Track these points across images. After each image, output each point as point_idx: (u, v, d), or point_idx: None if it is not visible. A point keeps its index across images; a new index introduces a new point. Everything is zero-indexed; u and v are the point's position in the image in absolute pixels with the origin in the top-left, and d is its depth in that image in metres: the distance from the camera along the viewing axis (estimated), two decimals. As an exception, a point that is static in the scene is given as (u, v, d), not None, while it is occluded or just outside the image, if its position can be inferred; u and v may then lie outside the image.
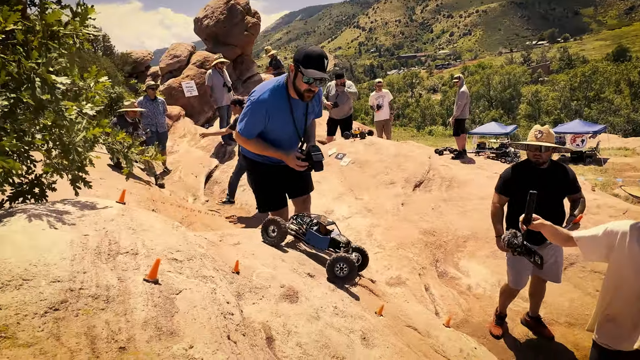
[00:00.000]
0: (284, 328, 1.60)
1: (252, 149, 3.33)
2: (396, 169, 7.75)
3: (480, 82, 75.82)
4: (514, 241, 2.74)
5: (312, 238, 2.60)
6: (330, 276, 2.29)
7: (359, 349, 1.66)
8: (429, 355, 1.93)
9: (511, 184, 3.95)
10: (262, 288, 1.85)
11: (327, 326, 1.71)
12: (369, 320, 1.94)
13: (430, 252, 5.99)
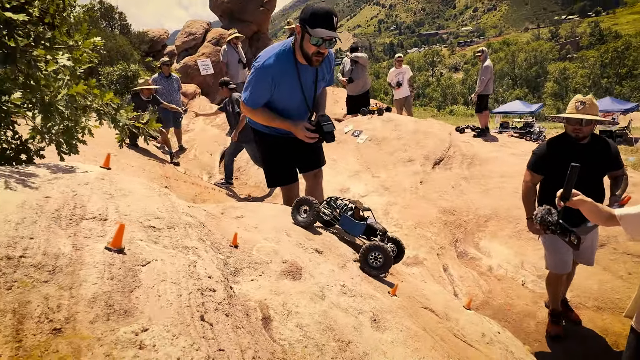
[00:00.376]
0: (283, 307, 1.43)
1: (258, 119, 3.12)
2: (415, 146, 7.45)
3: (504, 60, 73.02)
4: (548, 218, 2.44)
5: (347, 223, 2.40)
6: (363, 265, 2.11)
7: (367, 332, 1.48)
8: (447, 339, 1.74)
9: (546, 160, 3.56)
10: (262, 263, 1.68)
11: (333, 306, 1.53)
12: (381, 300, 1.76)
13: (449, 231, 5.75)
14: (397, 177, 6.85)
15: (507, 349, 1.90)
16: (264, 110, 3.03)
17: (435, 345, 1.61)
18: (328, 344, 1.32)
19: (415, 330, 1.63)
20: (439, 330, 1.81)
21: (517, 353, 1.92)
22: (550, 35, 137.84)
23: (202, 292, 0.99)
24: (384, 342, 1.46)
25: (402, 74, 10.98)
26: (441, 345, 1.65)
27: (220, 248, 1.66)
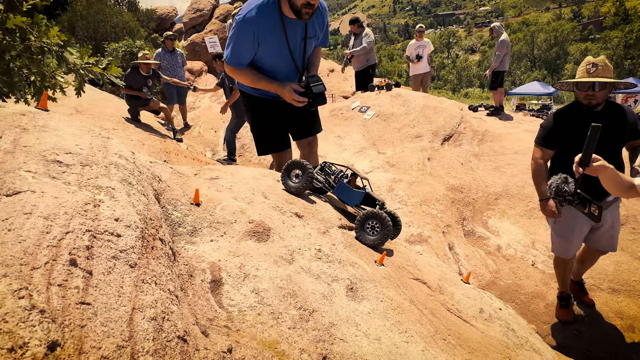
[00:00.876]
0: (239, 270, 1.22)
1: (242, 80, 2.86)
2: (424, 122, 7.12)
3: (523, 41, 70.70)
4: (564, 188, 2.13)
5: (343, 191, 2.17)
6: (359, 233, 1.93)
7: (340, 301, 1.27)
8: (437, 313, 1.52)
9: (556, 133, 3.18)
10: (225, 223, 1.47)
11: (302, 271, 1.32)
12: (363, 268, 1.53)
13: (456, 209, 5.48)
14: (403, 153, 6.56)
15: (509, 326, 1.67)
16: (248, 70, 2.77)
17: (422, 319, 1.38)
18: (287, 312, 1.11)
19: (399, 302, 1.40)
20: (429, 303, 1.59)
21: (520, 331, 1.69)
22: (572, 15, 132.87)
23: (94, 235, 0.78)
24: (359, 313, 1.25)
25: (423, 48, 10.10)
26: (429, 320, 1.42)
27: (177, 205, 1.45)
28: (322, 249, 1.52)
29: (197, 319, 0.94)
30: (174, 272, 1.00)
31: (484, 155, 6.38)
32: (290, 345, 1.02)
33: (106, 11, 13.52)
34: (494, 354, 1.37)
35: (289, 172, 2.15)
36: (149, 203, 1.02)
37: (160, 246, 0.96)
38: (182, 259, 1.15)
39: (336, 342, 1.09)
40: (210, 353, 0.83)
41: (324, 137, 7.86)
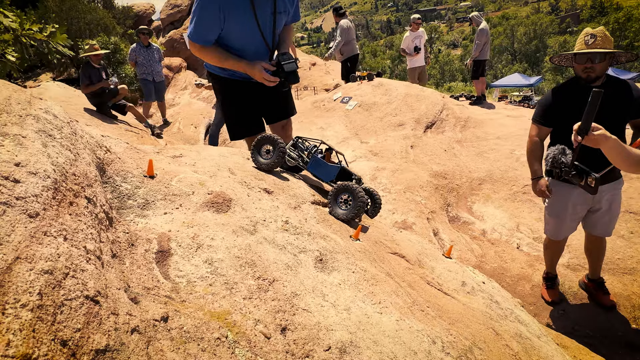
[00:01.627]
0: (192, 240, 1.09)
1: (209, 59, 2.69)
2: (406, 110, 7.04)
3: (503, 35, 71.59)
4: (561, 159, 2.00)
5: (317, 166, 2.04)
6: (332, 207, 1.81)
7: (306, 271, 1.15)
8: (416, 286, 1.41)
9: (554, 109, 3.04)
10: (181, 195, 1.33)
11: (264, 241, 1.20)
12: (335, 241, 1.42)
13: (440, 195, 5.42)
14: (386, 142, 6.47)
15: (492, 298, 1.57)
16: (215, 48, 2.60)
17: (399, 290, 1.27)
18: (243, 282, 0.99)
19: (373, 273, 1.29)
20: (407, 276, 1.48)
21: (504, 304, 1.59)
22: (550, 8, 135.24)
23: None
24: (328, 284, 1.13)
25: (419, 38, 9.56)
26: (407, 292, 1.31)
27: (128, 177, 1.30)
28: (290, 221, 1.40)
29: (129, 286, 0.81)
30: (105, 236, 0.86)
31: (466, 141, 6.34)
32: (244, 316, 0.90)
33: (80, 7, 13.11)
34: (476, 324, 1.27)
35: (259, 148, 2.02)
36: (77, 160, 0.89)
37: (85, 204, 0.83)
38: (123, 227, 1.02)
39: (298, 312, 0.98)
40: (136, 319, 0.71)
41: (306, 129, 7.72)
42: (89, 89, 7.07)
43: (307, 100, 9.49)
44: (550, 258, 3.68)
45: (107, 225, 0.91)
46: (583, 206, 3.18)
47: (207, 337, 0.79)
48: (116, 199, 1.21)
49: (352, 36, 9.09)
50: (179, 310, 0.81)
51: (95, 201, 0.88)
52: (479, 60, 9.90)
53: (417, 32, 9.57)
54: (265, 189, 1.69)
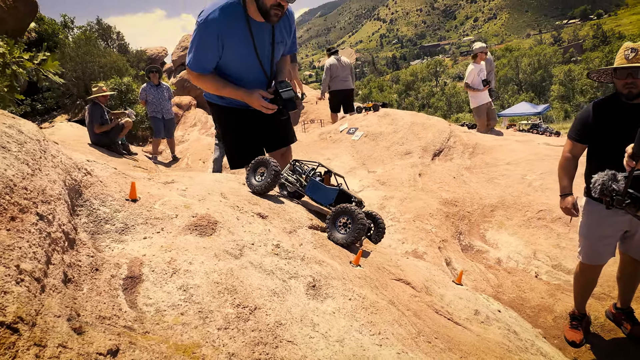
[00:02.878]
0: (168, 265, 0.99)
1: (207, 87, 2.69)
2: (412, 138, 6.99)
3: (508, 66, 72.62)
4: (612, 186, 1.81)
5: (315, 189, 1.95)
6: (330, 231, 1.70)
7: (295, 298, 1.03)
8: (422, 315, 1.26)
9: (592, 126, 2.84)
10: (164, 219, 1.24)
11: (250, 266, 1.08)
12: (332, 266, 1.29)
13: (451, 223, 5.23)
14: (393, 170, 6.37)
15: (509, 328, 1.41)
16: (213, 76, 2.59)
17: (402, 319, 1.13)
18: (220, 310, 0.87)
19: (373, 301, 1.16)
20: (412, 304, 1.33)
21: (523, 334, 1.43)
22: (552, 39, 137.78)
23: None
24: (320, 313, 1.00)
25: (485, 71, 8.49)
26: (411, 321, 1.17)
27: (107, 200, 1.22)
28: (282, 244, 1.29)
29: (78, 315, 0.70)
30: (59, 258, 0.77)
31: (476, 168, 6.21)
32: (216, 349, 0.78)
33: (94, 52, 13.69)
34: (492, 358, 1.11)
35: (254, 171, 1.94)
36: (34, 175, 0.81)
37: (35, 221, 0.74)
38: (87, 250, 0.92)
39: (282, 345, 0.85)
40: (70, 353, 0.59)
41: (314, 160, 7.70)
42: (103, 128, 7.27)
43: (314, 132, 9.53)
44: (581, 290, 3.30)
45: (64, 246, 0.82)
46: (620, 226, 2.95)
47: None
48: (92, 222, 1.13)
49: (338, 72, 9.16)
50: (135, 342, 0.70)
51: (50, 219, 0.79)
52: (485, 88, 9.91)
53: (481, 65, 8.47)
54: (259, 213, 1.59)
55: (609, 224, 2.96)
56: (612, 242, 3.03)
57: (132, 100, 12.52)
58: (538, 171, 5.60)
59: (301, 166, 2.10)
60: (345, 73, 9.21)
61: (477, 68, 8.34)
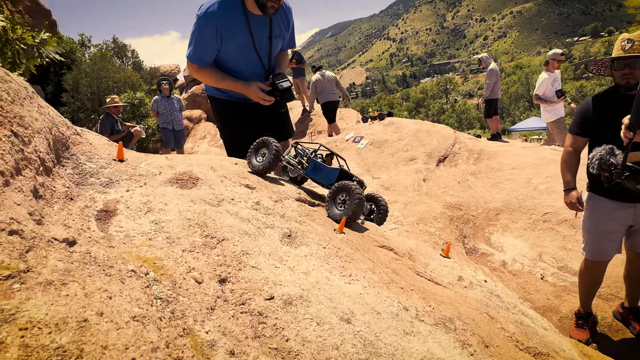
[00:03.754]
0: (144, 205, 1.02)
1: (206, 80, 2.76)
2: (417, 145, 7.00)
3: (518, 83, 72.53)
4: (610, 160, 1.76)
5: (317, 170, 1.94)
6: (330, 209, 1.69)
7: (267, 240, 1.04)
8: (401, 273, 1.26)
9: (592, 118, 2.84)
10: (147, 175, 1.28)
11: (225, 212, 1.11)
12: (311, 225, 1.31)
13: (455, 227, 5.18)
14: (398, 176, 6.38)
15: (492, 292, 1.39)
16: (212, 69, 2.66)
17: (376, 269, 1.14)
18: (188, 238, 0.90)
19: (348, 253, 1.17)
20: (392, 264, 1.33)
21: (507, 299, 1.40)
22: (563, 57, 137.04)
23: None
24: (291, 255, 1.02)
25: (557, 81, 7.48)
26: (387, 274, 1.17)
27: (94, 158, 1.27)
28: (263, 202, 1.31)
29: (41, 217, 0.73)
30: (30, 174, 0.80)
31: (481, 173, 6.17)
32: (177, 263, 0.79)
33: (109, 68, 14.12)
34: (466, 307, 1.09)
35: (255, 152, 1.95)
36: (14, 103, 0.86)
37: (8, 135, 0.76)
38: (63, 180, 0.96)
39: (245, 269, 0.86)
40: (21, 226, 0.61)
41: (318, 169, 7.74)
42: (112, 137, 7.47)
43: (321, 141, 9.63)
44: (586, 288, 3.21)
45: (38, 169, 0.85)
46: (623, 221, 2.88)
47: (118, 267, 0.69)
48: (77, 175, 1.17)
49: (324, 86, 9.77)
50: (95, 242, 0.72)
51: (25, 141, 0.83)
52: (490, 99, 9.95)
53: (556, 73, 7.53)
54: (247, 184, 1.61)
55: (613, 219, 2.91)
56: (616, 237, 2.97)
57: (144, 114, 12.82)
58: (544, 175, 5.54)
59: (303, 148, 2.12)
60: (331, 86, 9.84)
61: (551, 77, 7.34)
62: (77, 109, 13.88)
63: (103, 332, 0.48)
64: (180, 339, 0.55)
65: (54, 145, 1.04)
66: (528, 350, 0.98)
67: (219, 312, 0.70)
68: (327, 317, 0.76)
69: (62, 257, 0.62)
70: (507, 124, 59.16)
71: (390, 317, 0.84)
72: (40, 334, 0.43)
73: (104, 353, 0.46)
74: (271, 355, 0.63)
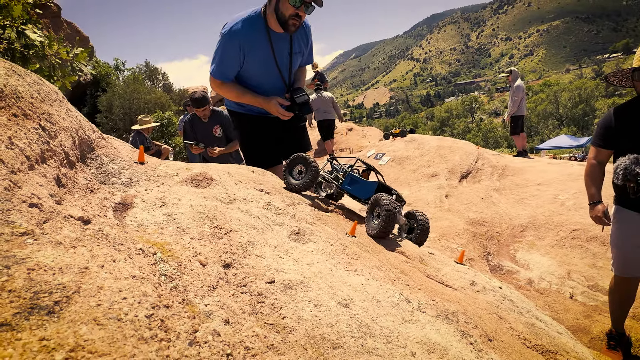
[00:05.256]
0: (159, 200, 1.08)
1: (227, 95, 2.86)
2: (439, 161, 6.94)
3: (547, 100, 70.94)
4: (635, 169, 1.70)
5: (353, 183, 1.89)
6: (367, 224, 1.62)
7: (274, 235, 1.07)
8: (409, 273, 1.26)
9: (614, 130, 2.74)
10: (166, 176, 1.35)
11: (236, 209, 1.15)
12: (321, 227, 1.34)
13: (479, 243, 5.06)
14: (420, 192, 6.32)
15: (506, 297, 1.36)
16: (233, 84, 2.77)
17: (383, 267, 1.15)
18: (197, 228, 0.94)
19: (356, 251, 1.18)
20: (402, 266, 1.33)
21: (521, 304, 1.37)
22: (594, 74, 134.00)
23: None
24: (297, 249, 1.04)
25: None
26: (395, 273, 1.18)
27: (117, 160, 1.35)
28: (275, 203, 1.35)
29: (61, 200, 0.78)
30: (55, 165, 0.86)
31: (505, 189, 6.04)
32: (184, 248, 0.83)
33: (141, 90, 14.78)
34: (474, 307, 1.07)
35: (291, 168, 1.91)
36: (43, 102, 0.94)
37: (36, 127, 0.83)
38: (85, 174, 1.03)
39: (250, 257, 0.89)
40: (45, 206, 0.67)
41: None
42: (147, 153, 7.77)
43: (342, 160, 9.69)
44: (618, 307, 3.06)
45: (62, 161, 0.92)
46: None
47: (127, 245, 0.73)
48: (100, 174, 1.25)
49: (319, 105, 10.16)
50: (109, 225, 0.77)
51: (52, 135, 0.91)
52: (516, 116, 9.80)
53: None
54: (261, 189, 1.66)
55: (638, 229, 2.79)
56: None
57: (172, 133, 13.27)
58: (571, 191, 5.37)
59: (339, 164, 2.12)
60: (326, 106, 10.21)
61: None
62: (110, 128, 14.52)
63: (101, 278, 0.52)
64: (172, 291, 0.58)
65: (79, 145, 1.12)
66: (535, 347, 0.95)
67: (220, 291, 0.73)
68: (326, 301, 0.77)
69: (76, 230, 0.67)
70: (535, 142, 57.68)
71: (390, 305, 0.84)
72: (45, 274, 0.48)
73: (99, 291, 0.50)
74: (266, 328, 0.65)
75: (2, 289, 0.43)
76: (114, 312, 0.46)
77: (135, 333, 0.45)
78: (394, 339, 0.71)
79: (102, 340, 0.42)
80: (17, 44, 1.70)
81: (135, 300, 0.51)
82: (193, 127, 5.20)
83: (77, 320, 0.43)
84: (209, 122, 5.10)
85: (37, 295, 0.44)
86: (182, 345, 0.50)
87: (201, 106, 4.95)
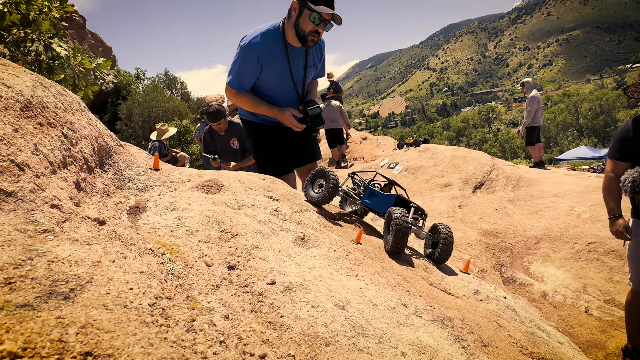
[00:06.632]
0: (170, 204, 1.13)
1: (243, 105, 2.95)
2: (452, 172, 6.90)
3: (566, 111, 69.69)
4: None
5: (371, 197, 1.89)
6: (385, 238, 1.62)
7: (279, 240, 1.12)
8: (412, 280, 1.28)
9: (633, 143, 2.74)
10: (178, 182, 1.41)
11: (243, 215, 1.20)
12: (327, 234, 1.38)
13: (492, 255, 5.00)
14: (432, 202, 6.29)
15: (509, 306, 1.36)
16: (249, 94, 2.86)
17: (385, 273, 1.18)
18: (205, 232, 0.99)
19: (359, 258, 1.22)
20: (405, 273, 1.36)
21: (524, 314, 1.37)
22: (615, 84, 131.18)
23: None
24: (301, 254, 1.08)
25: None
26: (396, 279, 1.20)
27: (133, 166, 1.42)
28: (282, 210, 1.39)
29: (80, 202, 0.85)
30: (75, 170, 0.93)
31: (520, 200, 5.97)
32: (191, 249, 0.88)
33: (160, 98, 15.14)
34: (473, 315, 1.08)
35: (312, 182, 1.95)
36: (66, 111, 1.01)
37: (59, 135, 0.91)
38: (102, 179, 1.09)
39: (254, 260, 0.93)
40: (65, 207, 0.73)
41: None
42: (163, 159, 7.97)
43: (356, 168, 9.72)
44: (634, 322, 2.99)
45: (82, 166, 0.99)
46: None
47: (138, 245, 0.78)
48: (117, 180, 1.32)
49: (327, 114, 10.20)
50: (122, 226, 0.83)
51: (73, 142, 0.98)
52: (532, 127, 9.70)
53: None
54: (270, 196, 1.71)
55: None
56: None
57: (189, 140, 13.53)
58: (588, 203, 5.27)
59: (361, 178, 2.16)
60: (334, 115, 10.24)
61: None
62: (129, 135, 14.88)
63: (111, 271, 0.58)
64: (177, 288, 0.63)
65: (98, 152, 1.20)
66: (532, 355, 0.96)
67: (223, 290, 0.77)
68: (323, 302, 0.81)
69: (91, 230, 0.73)
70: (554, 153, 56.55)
71: (386, 309, 0.87)
72: (62, 265, 0.54)
73: (109, 282, 0.55)
74: (264, 325, 0.69)
75: (26, 276, 0.49)
76: (120, 299, 0.52)
77: (138, 317, 0.51)
78: (386, 340, 0.74)
79: (109, 320, 0.48)
80: (44, 56, 1.81)
81: (141, 291, 0.57)
82: (213, 139, 5.27)
83: (89, 304, 0.49)
84: (226, 135, 5.15)
85: (55, 283, 0.50)
86: (179, 330, 0.55)
87: (216, 120, 4.99)
